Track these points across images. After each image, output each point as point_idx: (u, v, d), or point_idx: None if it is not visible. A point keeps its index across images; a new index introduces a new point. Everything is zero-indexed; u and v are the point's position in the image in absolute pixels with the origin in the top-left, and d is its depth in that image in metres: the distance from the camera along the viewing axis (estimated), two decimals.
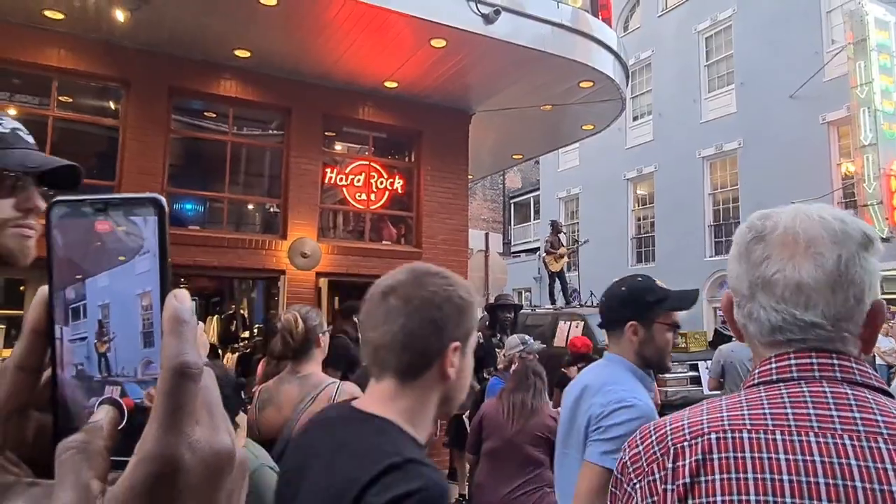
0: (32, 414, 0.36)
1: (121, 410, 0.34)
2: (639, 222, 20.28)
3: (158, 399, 0.32)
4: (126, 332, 0.35)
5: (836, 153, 14.67)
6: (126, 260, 0.35)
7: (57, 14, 6.19)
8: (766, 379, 0.87)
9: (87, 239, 0.35)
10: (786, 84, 15.09)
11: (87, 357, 0.35)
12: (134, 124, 6.94)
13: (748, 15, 16.51)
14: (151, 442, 0.31)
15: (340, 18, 6.23)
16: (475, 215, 23.22)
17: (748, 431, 0.80)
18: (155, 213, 0.36)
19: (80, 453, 0.32)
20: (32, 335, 0.36)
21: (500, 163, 12.69)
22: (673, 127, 18.42)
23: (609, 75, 7.55)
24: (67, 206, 0.36)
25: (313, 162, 7.89)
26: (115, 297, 0.35)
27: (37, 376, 0.36)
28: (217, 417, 0.34)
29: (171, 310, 0.34)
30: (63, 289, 0.35)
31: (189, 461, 0.31)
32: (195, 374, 0.33)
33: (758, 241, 0.89)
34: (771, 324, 0.86)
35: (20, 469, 0.34)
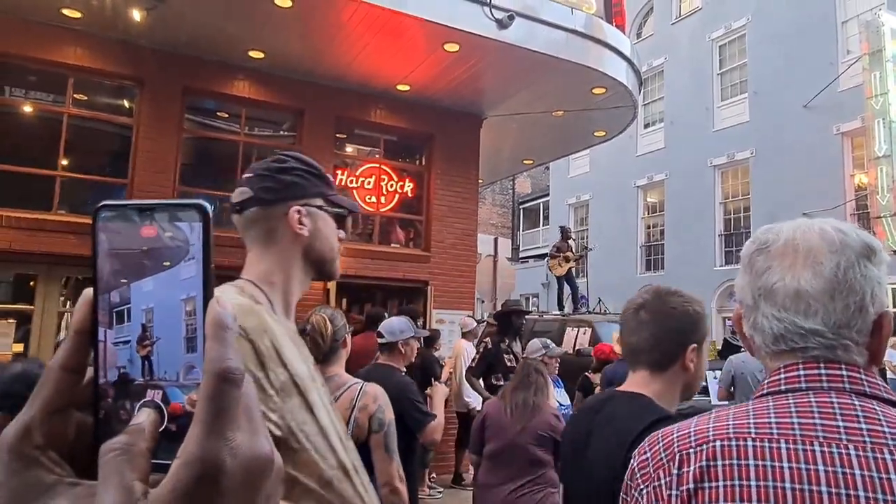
0: (73, 414, 0.36)
1: (161, 414, 0.35)
2: (648, 230, 20.20)
3: (201, 403, 0.33)
4: (169, 336, 0.36)
5: (850, 164, 14.56)
6: (171, 265, 0.36)
7: (75, 12, 6.25)
8: (774, 389, 0.87)
9: (132, 243, 0.36)
10: (800, 94, 15.00)
11: (130, 360, 0.36)
12: (147, 123, 6.99)
13: (763, 24, 16.44)
14: (194, 445, 0.32)
15: (354, 21, 6.25)
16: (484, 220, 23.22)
17: (752, 439, 0.81)
18: (200, 219, 0.36)
19: (124, 455, 0.32)
20: (77, 336, 0.36)
21: (510, 168, 12.69)
22: (685, 135, 18.35)
23: (622, 82, 7.54)
24: (114, 210, 0.36)
25: (324, 163, 7.86)
26: (159, 301, 0.36)
27: (79, 377, 0.36)
28: (256, 423, 0.34)
29: (213, 315, 0.35)
30: (108, 292, 0.36)
31: (230, 465, 0.32)
32: (237, 379, 0.33)
33: (760, 252, 0.92)
34: (773, 332, 0.88)
35: (62, 469, 0.35)
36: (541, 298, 22.86)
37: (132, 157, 6.95)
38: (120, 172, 6.98)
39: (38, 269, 6.62)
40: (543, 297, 22.65)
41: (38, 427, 0.35)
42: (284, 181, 1.25)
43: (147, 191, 6.85)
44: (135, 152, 6.95)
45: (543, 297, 22.65)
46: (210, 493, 0.31)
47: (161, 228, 0.36)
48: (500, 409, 3.72)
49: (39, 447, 0.34)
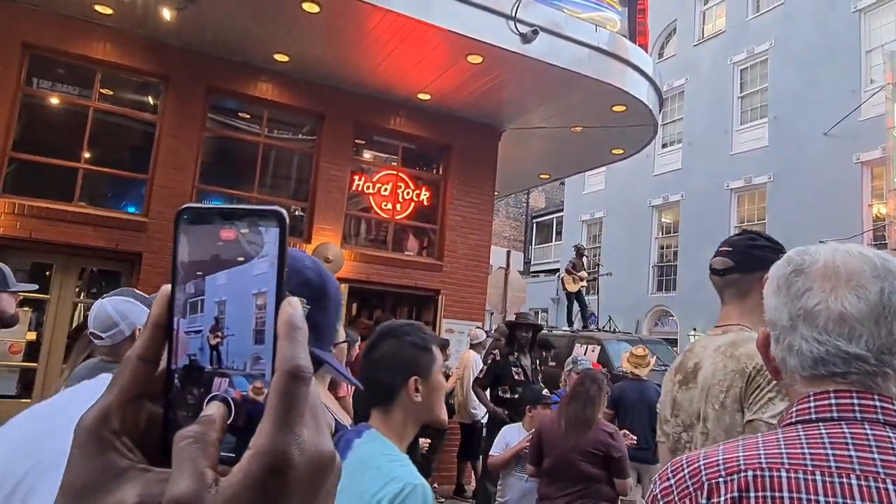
0: (146, 404, 0.37)
1: (229, 407, 0.36)
2: (661, 250, 20.09)
3: (272, 399, 0.34)
4: (239, 328, 0.37)
5: (869, 194, 14.43)
6: (245, 261, 0.37)
7: (107, 9, 6.36)
8: (804, 418, 0.85)
9: (211, 243, 0.38)
10: (820, 121, 14.92)
11: (201, 348, 0.37)
12: (171, 120, 7.08)
13: (785, 49, 16.39)
14: (266, 437, 0.33)
15: (380, 29, 6.31)
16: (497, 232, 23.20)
17: (786, 470, 0.78)
18: (277, 224, 0.37)
19: (197, 443, 0.33)
20: (154, 329, 0.38)
21: (526, 181, 12.70)
22: (702, 157, 18.29)
23: (643, 101, 7.54)
24: (197, 213, 0.38)
25: (342, 168, 7.97)
26: (231, 294, 0.37)
27: (155, 367, 0.38)
28: (321, 421, 0.35)
29: (286, 316, 0.36)
30: (184, 283, 0.38)
31: (298, 459, 0.33)
32: (307, 377, 0.35)
33: (797, 273, 0.89)
34: (813, 356, 0.85)
35: (134, 455, 0.36)
36: (550, 313, 22.76)
37: (154, 153, 7.03)
38: (141, 168, 7.07)
39: (56, 258, 6.70)
40: (553, 312, 22.56)
41: (115, 413, 0.36)
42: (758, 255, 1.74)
43: (167, 187, 6.93)
44: (157, 148, 7.03)
45: (553, 312, 22.56)
46: (278, 484, 0.32)
47: (240, 232, 0.37)
48: (555, 423, 3.79)
49: (115, 432, 0.36)
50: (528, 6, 6.59)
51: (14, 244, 6.36)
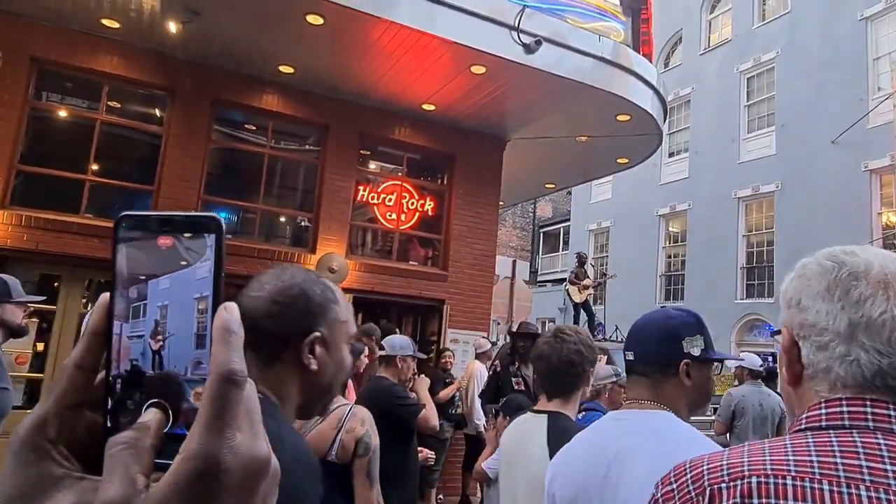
0: (85, 412, 0.37)
1: (167, 414, 0.36)
2: (669, 260, 20.00)
3: (205, 403, 0.34)
4: (180, 332, 0.37)
5: (878, 202, 14.33)
6: (187, 265, 0.37)
7: (113, 23, 6.43)
8: (814, 425, 0.82)
9: (150, 251, 0.38)
10: (828, 129, 14.85)
11: (143, 353, 0.37)
12: (176, 132, 7.13)
13: (792, 58, 16.36)
14: (196, 441, 0.33)
15: (384, 40, 6.35)
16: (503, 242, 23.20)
17: (792, 478, 0.75)
18: (214, 230, 0.38)
19: (129, 449, 0.33)
20: (92, 336, 0.38)
21: (532, 191, 12.70)
22: (709, 165, 18.23)
23: (647, 110, 7.53)
24: (134, 220, 0.38)
25: (347, 179, 7.99)
26: (173, 298, 0.37)
27: (93, 375, 0.38)
28: (257, 425, 0.35)
29: (221, 320, 0.36)
30: (127, 288, 0.38)
31: (230, 463, 0.33)
32: (240, 381, 0.34)
33: (854, 278, 0.85)
34: (872, 368, 0.81)
35: (70, 463, 0.36)
36: (558, 323, 22.66)
37: (160, 165, 7.08)
38: (147, 180, 7.11)
39: (62, 270, 6.74)
40: (560, 322, 22.47)
41: (51, 421, 0.36)
42: None
43: (173, 198, 6.97)
44: (162, 161, 7.08)
45: (560, 322, 22.47)
46: (209, 488, 0.32)
47: (178, 239, 0.38)
48: None
49: (51, 441, 0.36)
50: (531, 17, 6.61)
51: (21, 256, 6.41)
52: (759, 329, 16.43)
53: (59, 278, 6.75)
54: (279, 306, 1.10)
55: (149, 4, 6.08)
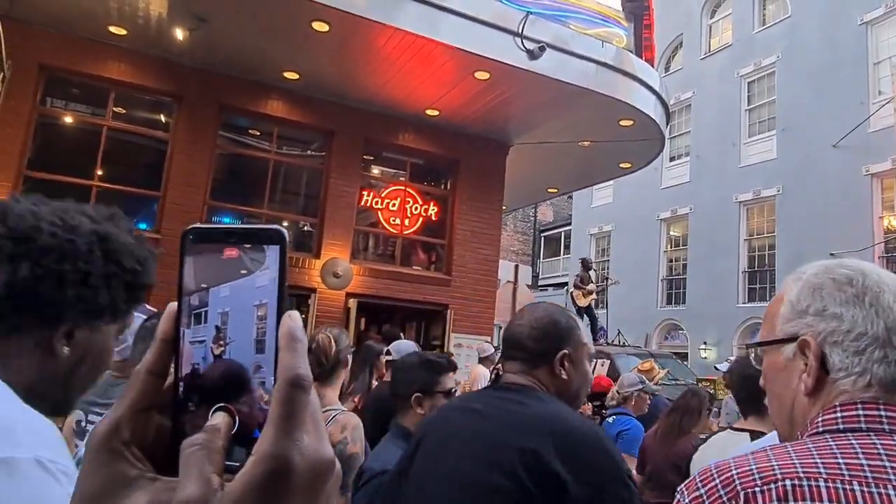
0: (154, 416, 0.40)
1: (233, 417, 0.38)
2: (670, 263, 20.00)
3: (274, 406, 0.36)
4: (241, 338, 0.39)
5: (879, 206, 14.35)
6: (247, 274, 0.39)
7: (121, 30, 6.49)
8: (831, 428, 0.85)
9: (215, 260, 0.40)
10: (829, 133, 14.88)
11: (204, 358, 0.39)
12: (183, 138, 7.17)
13: (793, 62, 16.41)
14: (268, 443, 0.35)
15: (389, 47, 6.40)
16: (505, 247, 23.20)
17: (824, 480, 0.78)
18: (277, 242, 0.39)
19: (203, 450, 0.35)
20: (162, 344, 0.40)
21: (534, 195, 12.73)
22: (710, 169, 18.26)
23: (650, 115, 7.57)
24: (201, 232, 0.40)
25: (351, 184, 8.03)
26: (234, 305, 0.39)
27: (162, 380, 0.40)
28: (321, 428, 0.37)
29: (287, 328, 0.38)
30: (189, 295, 0.40)
31: (299, 464, 0.35)
32: (307, 385, 0.37)
33: (880, 287, 0.89)
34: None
35: (143, 464, 0.38)
36: None
37: (166, 170, 7.13)
38: (153, 185, 7.16)
39: None
40: None
41: (125, 424, 0.38)
42: None
43: (179, 204, 7.01)
44: (169, 166, 7.13)
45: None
46: (280, 488, 0.34)
47: (242, 250, 0.40)
48: (653, 432, 3.84)
49: (125, 443, 0.38)
50: (534, 23, 6.66)
51: None
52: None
53: None
54: (536, 331, 1.53)
55: (156, 12, 6.14)
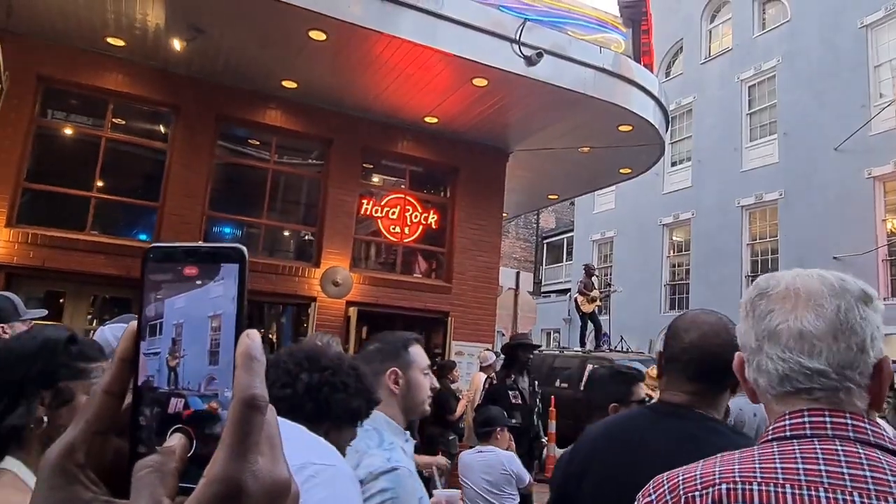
0: (112, 437, 0.38)
1: (190, 439, 0.37)
2: (673, 269, 19.94)
3: (228, 428, 0.34)
4: (195, 349, 0.38)
5: (882, 209, 14.28)
6: (202, 284, 0.39)
7: (118, 41, 6.50)
8: (779, 435, 0.88)
9: (178, 281, 0.39)
10: (830, 136, 14.84)
11: (158, 370, 0.38)
12: (181, 148, 7.17)
13: (793, 66, 16.39)
14: (220, 466, 0.33)
15: (387, 55, 6.39)
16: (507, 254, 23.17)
17: (758, 483, 0.82)
18: (236, 260, 0.39)
19: (155, 472, 0.34)
20: (120, 363, 0.39)
21: (535, 202, 12.71)
22: (712, 174, 18.23)
23: (649, 120, 7.55)
24: (162, 252, 0.40)
25: (351, 193, 8.02)
26: (188, 317, 0.39)
27: (120, 401, 0.39)
28: (277, 450, 0.36)
29: (244, 347, 0.37)
30: (145, 307, 0.39)
31: (251, 487, 0.33)
32: (262, 406, 0.35)
33: (761, 297, 0.94)
34: (779, 373, 0.89)
35: (98, 487, 0.37)
36: (562, 334, 22.60)
37: (164, 181, 7.12)
38: (152, 196, 7.15)
39: (68, 286, 6.76)
40: (565, 333, 22.40)
41: (80, 446, 0.37)
42: None
43: (177, 214, 7.00)
44: (167, 177, 7.12)
45: (565, 333, 22.40)
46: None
47: (202, 269, 0.39)
48: None
49: (80, 465, 0.36)
50: (531, 29, 6.66)
51: (27, 273, 6.44)
52: None
53: (64, 295, 6.77)
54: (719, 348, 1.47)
55: (153, 23, 6.15)
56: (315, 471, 1.11)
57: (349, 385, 1.41)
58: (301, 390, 1.36)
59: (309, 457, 1.13)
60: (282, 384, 1.36)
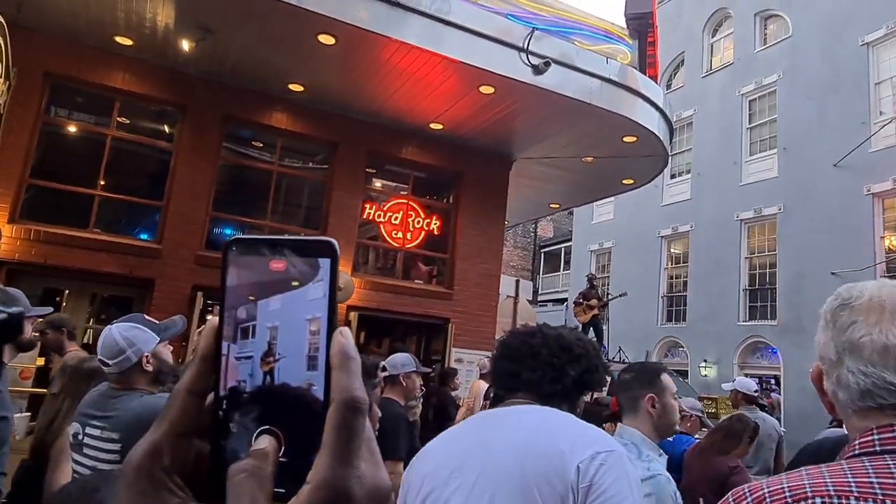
0: (194, 439, 0.36)
1: (279, 441, 0.35)
2: (671, 281, 19.96)
3: (329, 431, 0.33)
4: (292, 354, 0.36)
5: (881, 226, 14.34)
6: (299, 286, 0.36)
7: (127, 40, 6.50)
8: (868, 450, 0.85)
9: (263, 275, 0.37)
10: (830, 152, 14.92)
11: (251, 375, 0.36)
12: (187, 148, 7.16)
13: (794, 81, 16.50)
14: (325, 471, 0.32)
15: (394, 60, 6.41)
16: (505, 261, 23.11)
17: (855, 498, 0.78)
18: (328, 255, 0.37)
19: (253, 477, 0.33)
20: (202, 362, 0.37)
21: (536, 210, 12.72)
22: (712, 187, 18.29)
23: (654, 131, 7.58)
24: (245, 244, 0.37)
25: (354, 197, 8.01)
26: (284, 319, 0.36)
27: (203, 401, 0.37)
28: (377, 454, 0.35)
29: (339, 346, 0.35)
30: (235, 308, 0.37)
31: (357, 492, 0.32)
32: (363, 408, 0.34)
33: (843, 307, 0.91)
34: (860, 388, 0.86)
35: (185, 493, 0.35)
36: None
37: (169, 180, 7.11)
38: (156, 195, 7.13)
39: (69, 284, 6.73)
40: None
41: (165, 449, 0.35)
42: None
43: (181, 214, 6.99)
44: (172, 176, 7.11)
45: None
46: None
47: (290, 263, 0.37)
48: (693, 448, 3.85)
49: (166, 469, 0.35)
50: (539, 38, 6.69)
51: (29, 269, 6.40)
52: (762, 351, 16.36)
53: (64, 292, 6.74)
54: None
55: (163, 22, 6.15)
56: (603, 458, 1.29)
57: (599, 367, 1.61)
58: (569, 385, 1.54)
59: (594, 446, 1.31)
60: (551, 379, 1.53)
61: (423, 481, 1.47)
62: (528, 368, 1.55)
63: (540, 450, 1.34)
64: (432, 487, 1.43)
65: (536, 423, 1.42)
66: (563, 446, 1.32)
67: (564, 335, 1.62)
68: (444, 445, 1.55)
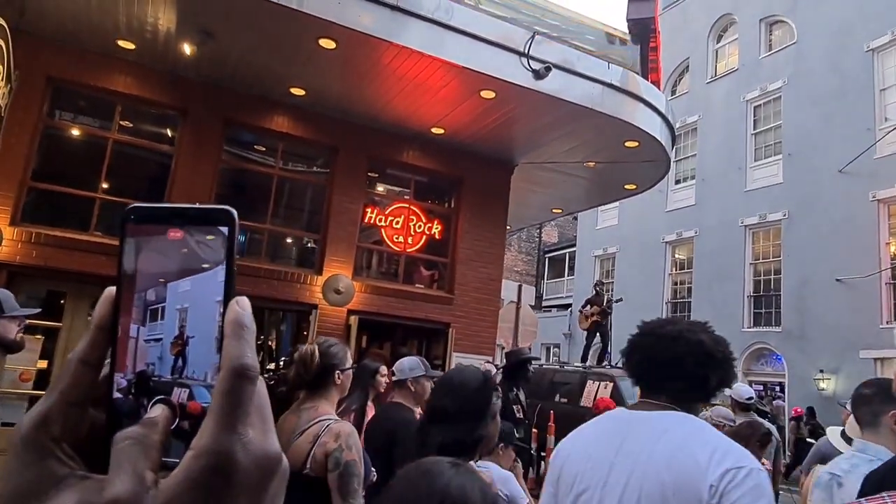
0: (88, 409, 0.36)
1: (174, 411, 0.35)
2: (675, 286, 19.90)
3: (216, 398, 0.33)
4: (202, 336, 0.36)
5: (886, 232, 14.26)
6: (210, 267, 0.36)
7: (129, 44, 6.53)
8: None
9: (161, 245, 0.36)
10: (835, 158, 14.86)
11: (160, 357, 0.36)
12: (188, 152, 7.19)
13: (799, 87, 16.45)
14: (208, 437, 0.32)
15: (395, 65, 6.41)
16: (509, 267, 23.14)
17: None
18: (227, 223, 0.36)
19: (138, 444, 0.32)
20: (97, 331, 0.36)
21: (539, 216, 12.70)
22: (716, 193, 18.24)
23: (656, 136, 7.55)
24: (143, 211, 0.36)
25: (355, 201, 8.02)
26: (194, 301, 0.36)
27: (97, 371, 0.36)
28: (268, 422, 0.34)
29: (233, 314, 0.35)
30: (144, 290, 0.36)
31: (242, 459, 0.32)
32: (253, 376, 0.34)
33: None
34: None
35: (74, 462, 0.34)
36: (562, 349, 22.51)
37: (170, 184, 7.13)
38: (157, 198, 7.15)
39: (69, 286, 6.74)
40: (565, 348, 22.31)
41: (55, 418, 0.34)
42: None
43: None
44: (172, 180, 7.13)
45: (565, 348, 22.31)
46: (220, 485, 0.31)
47: (188, 232, 0.36)
48: None
49: (55, 438, 0.34)
50: (540, 43, 6.68)
51: (29, 272, 6.42)
52: (766, 358, 16.27)
53: (65, 295, 6.75)
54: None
55: (164, 27, 6.18)
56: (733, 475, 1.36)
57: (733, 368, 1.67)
58: (710, 390, 1.62)
59: (725, 463, 1.38)
60: (693, 387, 1.61)
61: (576, 478, 1.57)
62: (670, 378, 1.62)
63: (680, 466, 1.42)
64: (586, 486, 1.54)
65: (680, 440, 1.49)
66: (701, 461, 1.40)
67: (705, 341, 1.64)
68: (591, 446, 1.63)
